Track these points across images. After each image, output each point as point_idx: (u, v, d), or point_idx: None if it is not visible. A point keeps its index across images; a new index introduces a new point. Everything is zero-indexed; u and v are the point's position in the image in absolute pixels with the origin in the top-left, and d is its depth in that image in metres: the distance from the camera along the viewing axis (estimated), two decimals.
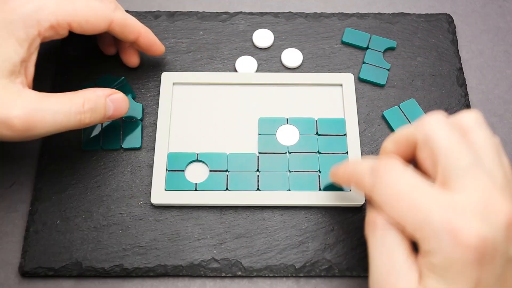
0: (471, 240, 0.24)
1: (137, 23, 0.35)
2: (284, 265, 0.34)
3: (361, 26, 0.43)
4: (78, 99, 0.31)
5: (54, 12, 0.30)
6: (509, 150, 0.39)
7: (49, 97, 0.30)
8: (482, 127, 0.28)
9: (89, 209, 0.35)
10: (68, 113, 0.31)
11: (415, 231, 0.25)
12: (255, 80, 0.40)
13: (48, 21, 0.30)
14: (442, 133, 0.26)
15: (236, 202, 0.35)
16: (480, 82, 0.42)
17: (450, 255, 0.24)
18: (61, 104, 0.31)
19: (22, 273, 0.34)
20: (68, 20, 0.31)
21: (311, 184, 0.36)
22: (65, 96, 0.31)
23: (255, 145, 0.37)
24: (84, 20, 0.32)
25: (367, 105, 0.40)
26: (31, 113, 0.29)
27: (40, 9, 0.30)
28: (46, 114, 0.30)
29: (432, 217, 0.24)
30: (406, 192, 0.26)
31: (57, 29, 0.31)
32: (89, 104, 0.32)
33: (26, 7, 0.30)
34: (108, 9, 0.33)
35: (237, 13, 0.43)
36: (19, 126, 0.28)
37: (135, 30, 0.35)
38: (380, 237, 0.27)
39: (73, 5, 0.31)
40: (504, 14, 0.45)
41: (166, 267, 0.34)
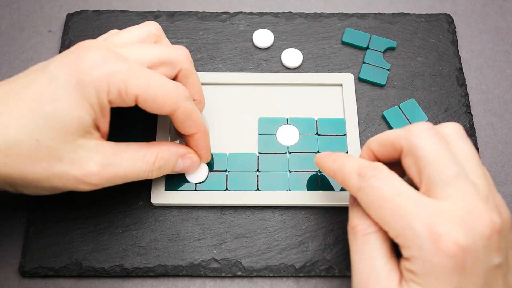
0: (451, 247, 0.24)
1: (201, 120, 0.33)
2: (284, 265, 0.34)
3: (361, 26, 0.43)
4: (151, 157, 0.31)
5: (125, 81, 0.28)
6: (509, 150, 0.39)
7: (124, 152, 0.30)
8: (463, 139, 0.28)
9: (89, 209, 0.35)
10: (139, 170, 0.31)
11: (398, 236, 0.26)
12: (255, 80, 0.40)
13: (117, 88, 0.28)
14: (428, 142, 0.27)
15: (236, 202, 0.35)
16: (480, 82, 0.42)
17: (430, 261, 0.24)
18: (134, 161, 0.30)
19: (22, 273, 0.34)
20: (137, 93, 0.29)
21: (311, 184, 0.36)
22: (139, 151, 0.31)
23: (255, 145, 0.37)
24: (152, 98, 0.29)
25: (367, 105, 0.40)
26: (107, 170, 0.29)
27: (112, 74, 0.28)
28: (119, 170, 0.30)
29: (414, 223, 0.25)
30: (390, 197, 0.26)
31: (124, 98, 0.29)
32: (160, 162, 0.32)
33: (99, 70, 0.28)
34: (180, 95, 0.30)
35: (237, 13, 0.43)
36: (95, 182, 0.29)
37: (195, 125, 0.32)
38: (360, 243, 0.27)
39: (147, 79, 0.29)
40: (504, 14, 0.45)
41: (166, 267, 0.34)
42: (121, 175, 0.30)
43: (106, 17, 0.43)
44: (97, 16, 0.43)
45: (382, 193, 0.26)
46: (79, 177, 0.28)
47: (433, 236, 0.24)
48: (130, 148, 0.31)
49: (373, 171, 0.27)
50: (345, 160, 0.30)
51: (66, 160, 0.28)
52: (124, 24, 0.42)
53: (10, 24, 0.44)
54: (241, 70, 0.41)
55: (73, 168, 0.28)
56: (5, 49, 0.42)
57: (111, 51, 0.29)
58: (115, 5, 0.44)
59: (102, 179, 0.29)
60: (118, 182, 0.30)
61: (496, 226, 0.25)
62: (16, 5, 0.45)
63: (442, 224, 0.24)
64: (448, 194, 0.25)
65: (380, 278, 0.26)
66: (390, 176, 0.27)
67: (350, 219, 0.29)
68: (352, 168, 0.28)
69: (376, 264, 0.27)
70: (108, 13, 0.43)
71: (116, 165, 0.30)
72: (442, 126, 0.29)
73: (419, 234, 0.24)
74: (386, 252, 0.27)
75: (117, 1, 0.45)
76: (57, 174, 0.28)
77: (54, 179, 0.28)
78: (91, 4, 0.45)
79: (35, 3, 0.45)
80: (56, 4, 0.45)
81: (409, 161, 0.28)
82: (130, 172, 0.30)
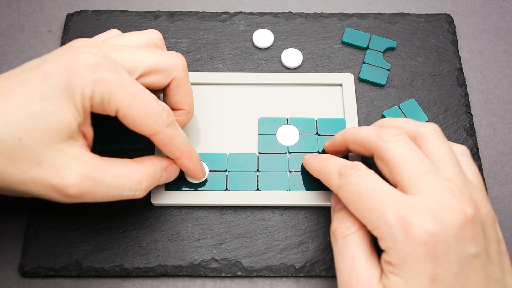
0: (421, 235, 0.25)
1: (183, 145, 0.32)
2: (284, 265, 0.34)
3: (361, 26, 0.43)
4: (136, 175, 0.30)
5: (111, 92, 0.28)
6: (509, 150, 0.39)
7: (107, 167, 0.29)
8: (438, 138, 0.30)
9: (89, 209, 0.35)
10: (122, 188, 0.29)
11: (374, 229, 0.27)
12: (255, 80, 0.40)
13: (100, 96, 0.28)
14: (395, 145, 0.29)
15: (236, 202, 0.35)
16: (480, 82, 0.42)
17: (403, 250, 0.25)
18: (118, 177, 0.29)
19: (22, 273, 0.34)
20: (119, 106, 0.28)
21: (311, 184, 0.36)
22: (124, 168, 0.30)
23: (255, 145, 0.37)
24: (132, 117, 0.29)
25: (367, 105, 0.40)
26: (86, 183, 0.28)
27: (101, 81, 0.28)
28: (99, 186, 0.28)
29: (387, 214, 0.26)
30: (366, 192, 0.27)
31: (105, 108, 0.28)
32: (148, 181, 0.31)
33: (88, 76, 0.27)
34: (162, 120, 0.30)
35: (237, 13, 0.43)
36: (72, 194, 0.28)
37: (176, 151, 0.31)
38: (340, 245, 0.29)
39: (133, 97, 0.28)
40: (504, 14, 0.45)
41: (166, 267, 0.34)
42: (102, 192, 0.29)
43: (106, 17, 0.43)
44: (97, 16, 0.43)
45: (359, 189, 0.28)
46: (56, 185, 0.27)
47: (404, 226, 0.25)
48: (115, 163, 0.30)
49: (352, 170, 0.29)
50: (328, 161, 0.32)
51: (45, 165, 0.27)
52: (124, 24, 0.42)
53: (10, 24, 0.44)
54: (241, 70, 0.41)
55: (51, 174, 0.27)
56: (5, 49, 0.42)
57: (107, 56, 0.28)
58: (115, 5, 0.44)
59: (80, 192, 0.28)
60: (98, 199, 0.29)
61: (469, 216, 0.26)
62: (16, 5, 0.45)
63: (413, 214, 0.26)
64: (419, 190, 0.27)
65: (361, 275, 0.27)
66: (367, 174, 0.28)
67: (331, 224, 0.31)
68: (334, 167, 0.30)
69: (357, 263, 0.28)
70: (108, 13, 0.43)
71: (97, 180, 0.28)
72: (420, 126, 0.31)
73: (392, 224, 0.26)
74: (366, 251, 0.28)
75: (117, 1, 0.45)
76: (34, 178, 0.27)
77: (30, 183, 0.27)
78: (91, 4, 0.45)
79: (35, 3, 0.45)
80: (56, 4, 0.45)
81: (380, 163, 0.30)
82: (112, 190, 0.29)
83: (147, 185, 0.31)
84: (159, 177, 0.32)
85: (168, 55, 0.32)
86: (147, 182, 0.31)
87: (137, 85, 0.29)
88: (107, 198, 0.29)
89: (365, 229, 0.29)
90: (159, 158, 0.32)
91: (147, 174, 0.31)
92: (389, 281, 0.26)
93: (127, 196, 0.30)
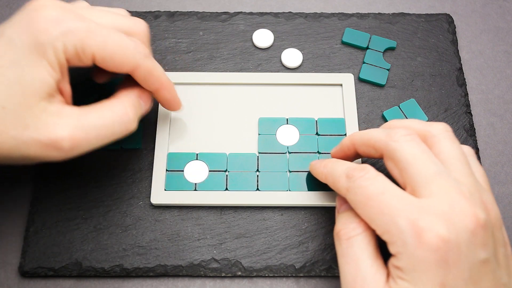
0: (433, 240, 0.24)
1: (163, 75, 0.32)
2: (284, 265, 0.34)
3: (361, 26, 0.43)
4: (119, 108, 0.30)
5: (82, 39, 0.28)
6: (509, 150, 0.39)
7: (90, 112, 0.29)
8: (449, 138, 0.29)
9: (89, 209, 0.35)
10: (111, 126, 0.30)
11: (384, 233, 0.26)
12: (255, 80, 0.40)
13: (74, 46, 0.28)
14: (406, 146, 0.28)
15: (236, 202, 0.35)
16: (480, 82, 0.42)
17: (414, 255, 0.25)
18: (102, 118, 0.29)
19: (22, 273, 0.34)
20: (94, 51, 0.29)
21: (311, 184, 0.36)
22: (105, 107, 0.30)
23: (255, 145, 0.37)
24: (110, 57, 0.29)
25: (367, 105, 0.40)
26: (75, 132, 0.28)
27: (69, 32, 0.28)
28: (89, 131, 0.29)
29: (398, 218, 0.25)
30: (375, 195, 0.27)
31: (81, 57, 0.29)
32: (132, 110, 0.31)
33: (54, 30, 0.27)
34: (139, 53, 0.30)
35: (237, 13, 0.43)
36: (66, 146, 0.28)
37: (157, 82, 0.32)
38: (344, 247, 0.28)
39: (104, 37, 0.29)
40: (504, 14, 0.45)
41: (166, 267, 0.34)
42: (93, 135, 0.29)
43: None
44: None
45: (368, 192, 0.27)
46: (48, 142, 0.27)
47: (415, 230, 0.25)
48: (94, 107, 0.30)
49: (360, 172, 0.28)
50: (335, 164, 0.31)
51: (32, 126, 0.27)
52: None
53: None
54: (241, 70, 0.41)
55: (40, 134, 0.27)
56: None
57: (65, 7, 0.29)
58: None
59: (73, 142, 0.28)
60: (93, 145, 0.29)
61: (480, 221, 0.25)
62: (16, 5, 0.45)
63: (425, 218, 0.25)
64: (430, 192, 0.26)
65: (366, 279, 0.27)
66: (376, 176, 0.28)
67: (335, 225, 0.30)
68: (341, 170, 0.30)
69: (361, 266, 0.27)
70: None
71: (85, 126, 0.29)
72: (430, 126, 0.30)
73: (403, 229, 0.25)
74: (371, 254, 0.27)
75: (117, 1, 0.45)
76: (26, 142, 0.27)
77: (23, 147, 0.27)
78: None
79: None
80: None
81: (390, 164, 0.29)
82: (103, 131, 0.29)
83: (133, 114, 0.31)
84: (139, 105, 0.32)
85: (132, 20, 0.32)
86: (132, 111, 0.31)
87: (104, 28, 0.29)
88: (103, 141, 0.30)
89: (371, 231, 0.28)
90: (129, 89, 0.32)
91: (127, 104, 0.31)
92: (398, 286, 0.26)
93: (120, 131, 0.30)
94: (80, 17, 0.29)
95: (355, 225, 0.28)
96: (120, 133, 0.30)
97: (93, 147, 0.30)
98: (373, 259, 0.27)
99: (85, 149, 0.29)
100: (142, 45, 0.31)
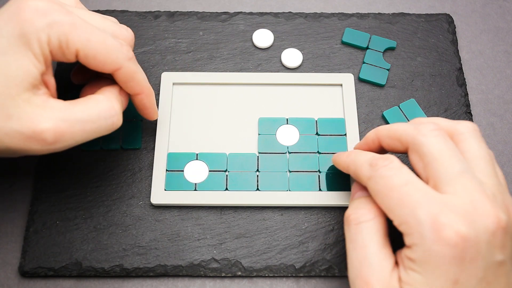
0: (452, 236, 0.24)
1: (144, 81, 0.32)
2: (284, 265, 0.34)
3: (361, 26, 0.43)
4: (104, 102, 0.30)
5: (66, 33, 0.28)
6: (509, 150, 0.39)
7: (76, 105, 0.29)
8: (476, 137, 0.29)
9: (89, 209, 0.35)
10: (97, 119, 0.29)
11: (401, 224, 0.26)
12: (255, 80, 0.40)
13: (57, 39, 0.28)
14: (433, 140, 0.28)
15: (236, 202, 0.35)
16: (480, 82, 0.42)
17: (430, 249, 0.25)
18: (88, 111, 0.29)
19: (22, 273, 0.34)
20: (77, 47, 0.28)
21: (311, 184, 0.36)
22: (90, 102, 0.30)
23: (255, 145, 0.37)
24: (93, 54, 0.29)
25: (367, 105, 0.40)
26: (59, 124, 0.28)
27: (54, 24, 0.28)
28: (74, 124, 0.28)
29: (419, 211, 0.25)
30: (398, 186, 0.27)
31: (65, 51, 0.29)
32: (117, 104, 0.31)
33: (40, 21, 0.27)
34: (122, 54, 0.30)
35: (237, 13, 0.43)
36: (50, 139, 0.27)
37: (138, 86, 0.32)
38: (353, 232, 0.28)
39: (88, 34, 0.29)
40: (504, 14, 0.45)
41: (166, 267, 0.34)
42: (78, 129, 0.28)
43: None
44: None
45: (391, 182, 0.27)
46: (31, 135, 0.27)
47: (435, 225, 0.25)
48: (80, 101, 0.30)
49: (384, 162, 0.28)
50: (358, 154, 0.31)
51: (15, 117, 0.27)
52: (124, 24, 0.42)
53: None
54: (241, 70, 0.41)
55: (23, 125, 0.27)
56: None
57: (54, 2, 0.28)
58: (115, 5, 0.44)
59: (56, 135, 0.28)
60: (78, 139, 0.29)
61: (502, 223, 0.25)
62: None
63: (446, 214, 0.25)
64: (454, 189, 0.26)
65: (373, 265, 0.27)
66: (400, 167, 0.27)
67: (347, 210, 0.30)
68: (365, 159, 0.29)
69: (369, 252, 0.27)
70: (108, 13, 0.43)
71: (69, 119, 0.28)
72: (458, 124, 0.30)
73: (422, 222, 0.25)
74: (379, 241, 0.28)
75: (117, 1, 0.45)
76: (8, 133, 0.27)
77: (5, 139, 0.27)
78: (91, 4, 0.45)
79: None
80: None
81: (415, 158, 0.28)
82: (88, 124, 0.29)
83: (118, 108, 0.31)
84: (121, 100, 0.32)
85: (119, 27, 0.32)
86: (117, 105, 0.31)
87: (89, 23, 0.29)
88: (88, 135, 0.29)
89: (381, 219, 0.28)
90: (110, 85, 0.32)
91: (112, 98, 0.31)
92: (408, 276, 0.26)
93: (106, 126, 0.30)
94: (66, 11, 0.28)
95: (366, 211, 0.29)
96: (105, 128, 0.30)
97: (78, 141, 0.29)
98: (380, 246, 0.27)
99: (69, 143, 0.29)
100: (127, 46, 0.31)
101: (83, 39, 0.28)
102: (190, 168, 0.36)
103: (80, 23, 0.29)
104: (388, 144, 0.31)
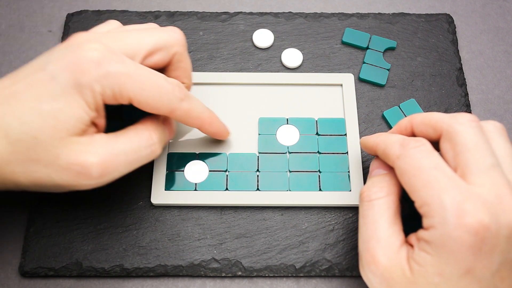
0: (474, 224, 0.25)
1: (201, 114, 0.33)
2: (284, 265, 0.34)
3: (361, 26, 0.43)
4: (144, 133, 0.31)
5: (120, 83, 0.28)
6: None
7: (118, 138, 0.30)
8: (504, 136, 0.30)
9: (89, 209, 0.35)
10: (138, 149, 0.30)
11: (423, 206, 0.27)
12: (255, 80, 0.40)
13: (111, 90, 0.28)
14: (470, 131, 0.28)
15: (236, 202, 0.35)
16: (480, 82, 0.42)
17: (449, 234, 0.25)
18: (130, 142, 0.30)
19: (22, 273, 0.34)
20: (131, 96, 0.29)
21: (311, 184, 0.36)
22: (131, 133, 0.31)
23: (255, 145, 0.37)
24: (145, 101, 0.29)
25: (367, 105, 0.40)
26: (105, 158, 0.29)
27: (108, 76, 0.28)
28: (118, 156, 0.29)
29: (444, 195, 0.26)
30: (427, 168, 0.27)
31: (118, 99, 0.29)
32: (156, 134, 0.31)
33: (95, 72, 0.28)
34: (175, 98, 0.30)
35: (237, 13, 0.43)
36: (96, 174, 0.28)
37: (196, 121, 0.33)
38: (365, 208, 0.29)
39: (142, 82, 0.29)
40: (504, 14, 0.45)
41: (166, 267, 0.34)
42: (122, 160, 0.29)
43: (106, 17, 0.43)
44: (97, 16, 0.43)
45: (420, 163, 0.27)
46: (78, 170, 0.28)
47: (458, 211, 0.25)
48: (121, 133, 0.30)
49: (416, 143, 0.28)
50: (390, 134, 0.32)
51: (63, 156, 0.28)
52: (124, 24, 0.42)
53: (10, 24, 0.44)
54: (241, 70, 0.41)
55: (71, 163, 0.28)
56: (5, 49, 0.42)
57: (109, 49, 0.29)
58: (115, 5, 0.45)
59: (102, 169, 0.28)
60: (122, 171, 0.30)
61: None
62: (16, 5, 0.45)
63: (471, 203, 0.25)
64: (481, 182, 0.26)
65: (381, 240, 0.28)
66: (431, 151, 0.28)
67: (363, 187, 0.31)
68: (396, 139, 0.30)
69: (377, 228, 0.28)
70: (108, 13, 0.43)
71: (113, 151, 0.29)
72: (486, 122, 0.30)
73: (446, 206, 0.25)
74: (389, 218, 0.29)
75: (117, 1, 0.45)
76: (57, 170, 0.28)
77: (55, 176, 0.28)
78: (91, 4, 0.45)
79: (35, 3, 0.45)
80: (56, 4, 0.45)
81: (447, 146, 0.29)
82: (130, 154, 0.30)
83: (157, 138, 0.31)
84: (163, 131, 0.32)
85: (167, 31, 0.32)
86: (156, 135, 0.31)
87: (143, 69, 0.30)
88: (131, 166, 0.30)
89: (393, 198, 0.29)
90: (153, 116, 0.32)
91: (152, 128, 0.31)
92: (419, 256, 0.26)
93: (146, 155, 0.31)
94: (121, 59, 0.29)
95: (378, 189, 0.29)
96: (146, 157, 0.31)
97: (122, 172, 0.30)
98: (390, 223, 0.28)
99: (114, 175, 0.29)
100: (179, 87, 0.31)
101: (136, 88, 0.29)
102: (190, 168, 0.36)
103: (133, 72, 0.29)
104: (421, 130, 0.31)
